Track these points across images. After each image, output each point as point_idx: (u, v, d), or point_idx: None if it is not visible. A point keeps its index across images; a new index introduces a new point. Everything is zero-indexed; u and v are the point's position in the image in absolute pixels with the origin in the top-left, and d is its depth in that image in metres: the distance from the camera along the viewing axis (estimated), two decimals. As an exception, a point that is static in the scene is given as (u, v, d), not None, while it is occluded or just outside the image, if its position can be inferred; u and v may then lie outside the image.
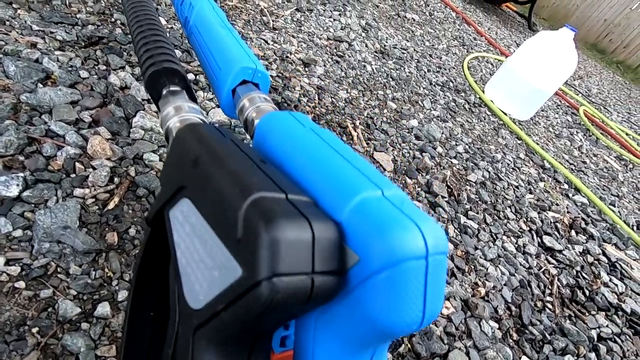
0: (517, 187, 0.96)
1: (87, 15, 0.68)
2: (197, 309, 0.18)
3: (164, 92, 0.33)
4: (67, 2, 0.68)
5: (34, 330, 0.33)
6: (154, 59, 0.33)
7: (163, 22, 0.79)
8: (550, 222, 0.88)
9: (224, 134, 0.24)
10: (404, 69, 1.26)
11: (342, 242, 0.17)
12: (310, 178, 0.20)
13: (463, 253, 0.67)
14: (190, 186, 0.21)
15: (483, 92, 1.45)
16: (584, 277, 0.76)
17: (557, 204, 0.97)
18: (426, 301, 0.16)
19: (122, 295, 0.38)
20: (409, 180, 0.76)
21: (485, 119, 1.26)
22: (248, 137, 0.33)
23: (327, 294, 0.16)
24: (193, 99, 0.34)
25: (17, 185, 0.40)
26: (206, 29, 0.44)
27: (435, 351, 0.48)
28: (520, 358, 0.54)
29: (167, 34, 0.41)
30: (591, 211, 1.03)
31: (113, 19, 0.71)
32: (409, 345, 0.48)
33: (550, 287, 0.70)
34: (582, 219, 0.97)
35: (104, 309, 0.36)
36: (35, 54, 0.55)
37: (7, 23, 0.58)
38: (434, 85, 1.27)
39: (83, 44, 0.62)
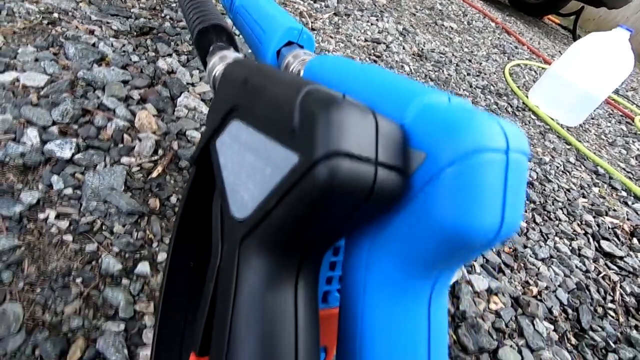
0: (568, 190, 0.89)
1: (140, 9, 0.72)
2: (244, 218, 0.17)
3: (211, 48, 0.33)
4: (124, -2, 0.73)
5: (78, 280, 0.33)
6: (202, 17, 0.34)
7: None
8: (608, 228, 0.80)
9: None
10: (443, 71, 1.23)
11: (406, 144, 0.15)
12: (367, 93, 0.19)
13: (511, 250, 0.62)
14: (240, 105, 0.20)
15: (527, 97, 1.38)
16: (651, 287, 0.68)
17: (614, 210, 0.89)
18: (505, 204, 0.14)
19: (162, 256, 0.38)
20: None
21: (530, 123, 1.20)
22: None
23: (389, 195, 0.15)
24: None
25: (70, 148, 0.42)
26: (251, 3, 0.45)
27: (483, 345, 0.44)
28: (580, 365, 0.49)
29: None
30: (655, 221, 0.93)
31: (163, 14, 0.75)
32: (454, 337, 0.44)
33: (612, 293, 0.63)
34: (645, 227, 0.88)
35: (144, 267, 0.36)
36: (93, 39, 0.58)
37: (70, 14, 0.62)
38: (475, 88, 1.23)
39: (135, 33, 0.66)
